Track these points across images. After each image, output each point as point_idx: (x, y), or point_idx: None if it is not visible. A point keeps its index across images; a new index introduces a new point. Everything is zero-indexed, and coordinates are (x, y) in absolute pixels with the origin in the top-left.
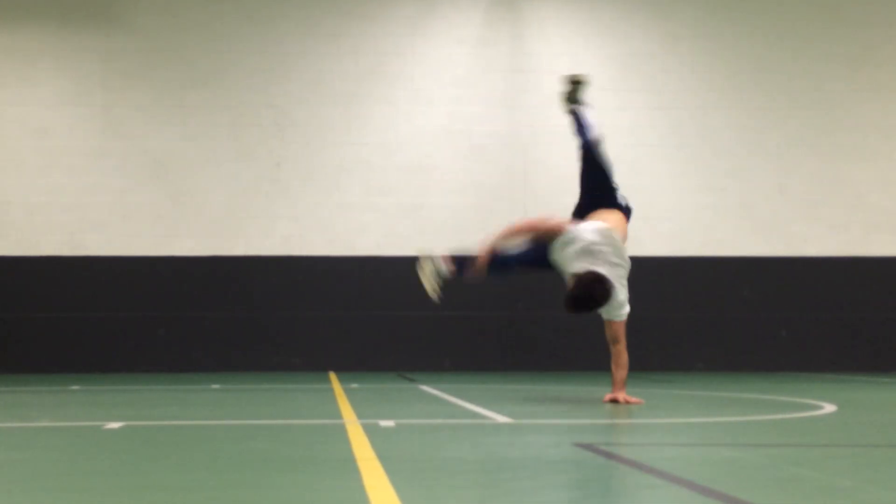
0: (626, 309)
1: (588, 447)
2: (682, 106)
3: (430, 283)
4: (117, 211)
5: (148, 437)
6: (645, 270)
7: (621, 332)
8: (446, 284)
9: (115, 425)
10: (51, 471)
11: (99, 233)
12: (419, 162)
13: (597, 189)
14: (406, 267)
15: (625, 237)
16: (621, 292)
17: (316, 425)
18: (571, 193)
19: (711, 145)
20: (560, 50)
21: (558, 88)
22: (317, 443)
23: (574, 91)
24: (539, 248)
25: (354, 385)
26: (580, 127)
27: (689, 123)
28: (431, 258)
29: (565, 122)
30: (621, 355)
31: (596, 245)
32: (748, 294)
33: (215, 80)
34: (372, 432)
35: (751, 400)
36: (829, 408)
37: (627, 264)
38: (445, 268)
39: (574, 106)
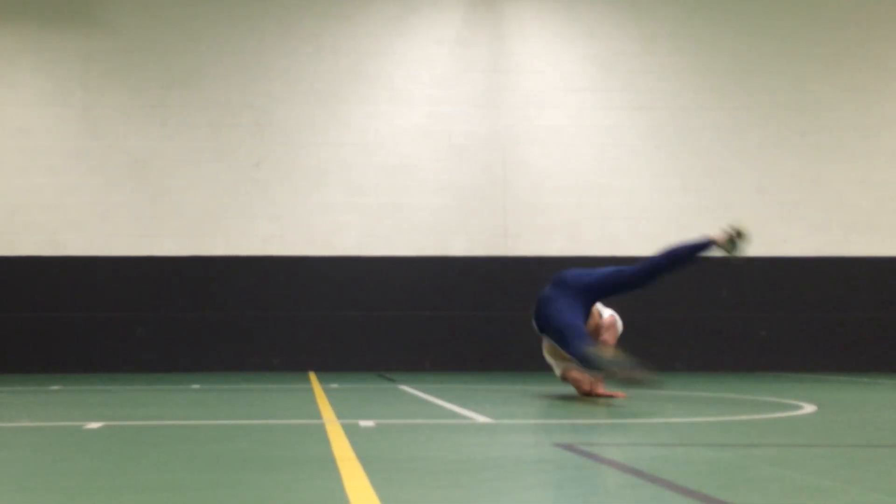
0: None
1: (568, 447)
2: (662, 106)
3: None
4: (97, 211)
5: (128, 437)
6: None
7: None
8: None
9: (95, 425)
10: (31, 471)
11: (78, 233)
12: (399, 162)
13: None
14: (386, 267)
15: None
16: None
17: (296, 425)
18: (551, 193)
19: (691, 145)
20: (540, 50)
21: (538, 88)
22: (296, 443)
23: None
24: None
25: (334, 385)
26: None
27: (669, 123)
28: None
29: (545, 123)
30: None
31: None
32: (727, 294)
33: (195, 80)
34: (352, 432)
35: (730, 400)
36: (808, 408)
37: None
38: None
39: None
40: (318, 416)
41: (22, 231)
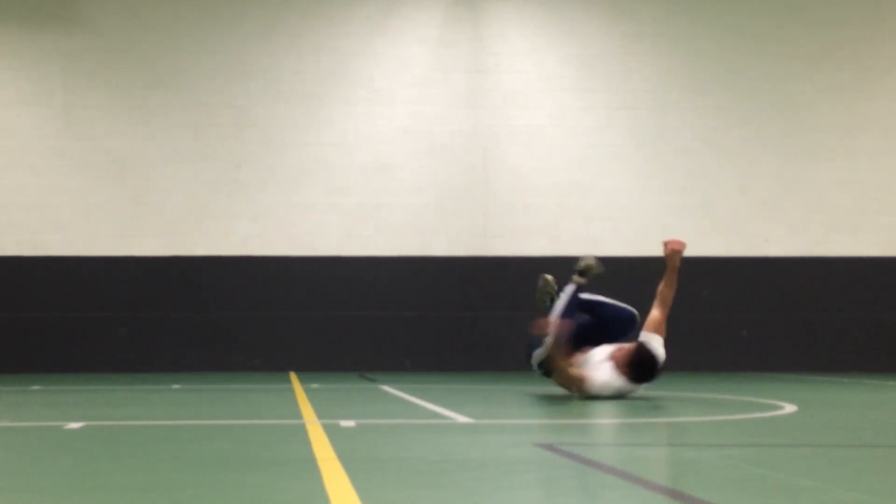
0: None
1: (548, 447)
2: (643, 106)
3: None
4: (78, 211)
5: (109, 437)
6: (605, 270)
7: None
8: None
9: (75, 425)
10: (11, 471)
11: (59, 233)
12: (380, 162)
13: None
14: (366, 267)
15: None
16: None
17: (276, 425)
18: (532, 193)
19: (672, 145)
20: (521, 50)
21: (519, 88)
22: (277, 443)
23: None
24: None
25: (315, 385)
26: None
27: (650, 123)
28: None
29: (526, 123)
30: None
31: None
32: (709, 294)
33: (176, 80)
34: (332, 432)
35: (711, 400)
36: (789, 408)
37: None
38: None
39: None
40: (298, 416)
41: (3, 231)
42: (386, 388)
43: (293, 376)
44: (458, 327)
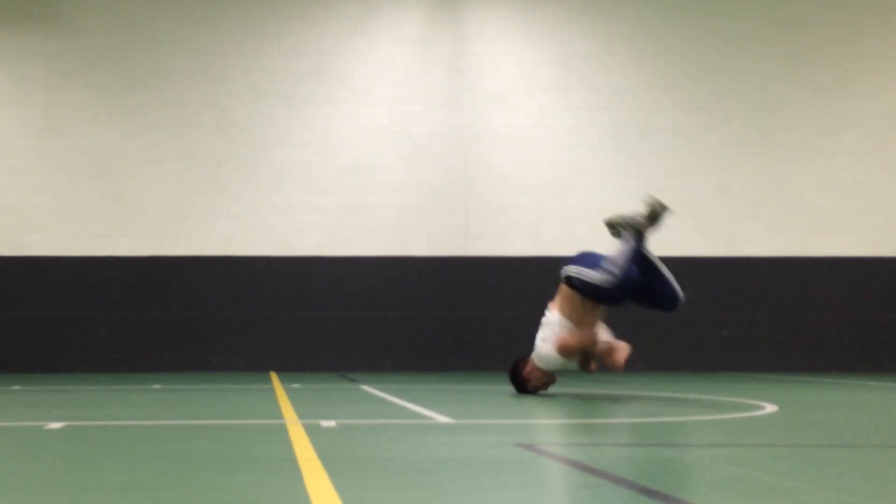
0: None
1: (529, 447)
2: (623, 106)
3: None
4: (58, 211)
5: (89, 437)
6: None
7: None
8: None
9: (56, 425)
10: None
11: (40, 233)
12: (360, 162)
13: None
14: (347, 267)
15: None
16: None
17: (257, 425)
18: (512, 193)
19: (652, 145)
20: (501, 50)
21: (499, 88)
22: (258, 443)
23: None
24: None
25: (296, 385)
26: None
27: (630, 123)
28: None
29: (506, 123)
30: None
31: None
32: (689, 294)
33: (156, 80)
34: (313, 432)
35: (692, 400)
36: (770, 408)
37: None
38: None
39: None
40: (279, 416)
41: None
42: (367, 388)
43: (274, 376)
44: (439, 327)
